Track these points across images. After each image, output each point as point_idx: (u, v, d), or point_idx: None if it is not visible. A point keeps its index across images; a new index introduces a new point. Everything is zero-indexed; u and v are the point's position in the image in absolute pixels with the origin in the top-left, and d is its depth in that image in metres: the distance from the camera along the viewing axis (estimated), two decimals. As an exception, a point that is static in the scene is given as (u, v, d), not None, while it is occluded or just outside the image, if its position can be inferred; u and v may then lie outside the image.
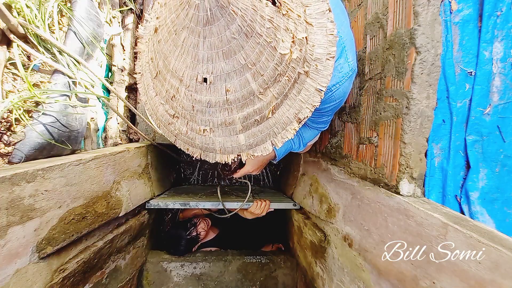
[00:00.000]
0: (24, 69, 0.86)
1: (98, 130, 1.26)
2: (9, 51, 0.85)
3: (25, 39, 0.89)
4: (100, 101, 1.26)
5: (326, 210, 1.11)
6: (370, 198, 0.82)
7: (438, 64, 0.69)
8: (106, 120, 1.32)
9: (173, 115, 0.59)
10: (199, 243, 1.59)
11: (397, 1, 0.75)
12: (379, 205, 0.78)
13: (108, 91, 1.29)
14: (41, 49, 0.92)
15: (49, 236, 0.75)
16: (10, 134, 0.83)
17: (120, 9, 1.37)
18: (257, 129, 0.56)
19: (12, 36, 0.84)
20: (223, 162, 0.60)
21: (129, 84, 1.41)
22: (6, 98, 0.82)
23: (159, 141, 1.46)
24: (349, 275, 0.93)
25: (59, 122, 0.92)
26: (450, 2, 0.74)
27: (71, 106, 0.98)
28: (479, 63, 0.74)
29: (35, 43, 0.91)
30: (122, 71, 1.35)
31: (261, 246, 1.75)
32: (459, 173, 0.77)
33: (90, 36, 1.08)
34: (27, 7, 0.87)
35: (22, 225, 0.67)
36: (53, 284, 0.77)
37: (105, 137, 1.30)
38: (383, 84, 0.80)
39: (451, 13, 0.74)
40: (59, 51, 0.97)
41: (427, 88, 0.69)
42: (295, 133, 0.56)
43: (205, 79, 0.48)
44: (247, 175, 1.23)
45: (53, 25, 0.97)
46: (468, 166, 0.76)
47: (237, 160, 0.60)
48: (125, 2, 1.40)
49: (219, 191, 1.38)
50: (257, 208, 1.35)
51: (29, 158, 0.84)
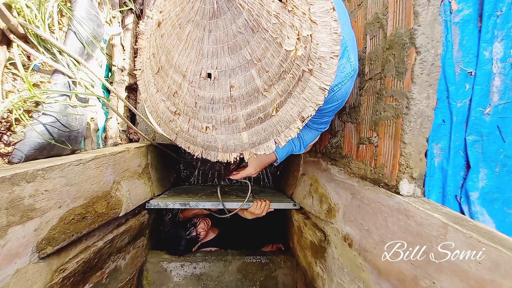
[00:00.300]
0: (24, 69, 0.86)
1: (98, 130, 1.26)
2: (9, 51, 0.85)
3: (25, 39, 0.89)
4: (100, 101, 1.26)
5: (326, 210, 1.11)
6: (370, 198, 0.82)
7: (438, 64, 0.69)
8: (106, 120, 1.32)
9: (175, 112, 0.58)
10: (199, 243, 1.59)
11: (397, 1, 0.75)
12: (379, 205, 0.78)
13: (108, 91, 1.29)
14: (41, 49, 0.92)
15: (49, 236, 0.75)
16: (10, 134, 0.83)
17: (120, 9, 1.37)
18: (260, 127, 0.55)
19: (12, 36, 0.84)
20: (225, 161, 0.59)
21: (129, 84, 1.41)
22: (6, 98, 0.82)
23: (159, 141, 1.46)
24: (349, 275, 0.93)
25: (59, 122, 0.92)
26: (450, 2, 0.74)
27: (71, 106, 0.98)
28: (479, 63, 0.74)
29: (35, 43, 0.91)
30: (122, 71, 1.35)
31: (261, 246, 1.75)
32: (459, 173, 0.77)
33: (90, 36, 1.08)
34: (27, 7, 0.87)
35: (22, 225, 0.67)
36: (53, 284, 0.77)
37: (105, 137, 1.30)
38: (383, 84, 0.80)
39: (451, 13, 0.74)
40: (59, 51, 0.97)
41: (427, 88, 0.69)
42: (298, 131, 0.56)
43: (209, 74, 0.47)
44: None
45: (53, 25, 0.97)
46: (468, 166, 0.76)
47: (237, 160, 0.60)
48: (125, 2, 1.39)
49: (219, 191, 1.38)
50: (257, 208, 1.35)
51: (29, 158, 0.84)
